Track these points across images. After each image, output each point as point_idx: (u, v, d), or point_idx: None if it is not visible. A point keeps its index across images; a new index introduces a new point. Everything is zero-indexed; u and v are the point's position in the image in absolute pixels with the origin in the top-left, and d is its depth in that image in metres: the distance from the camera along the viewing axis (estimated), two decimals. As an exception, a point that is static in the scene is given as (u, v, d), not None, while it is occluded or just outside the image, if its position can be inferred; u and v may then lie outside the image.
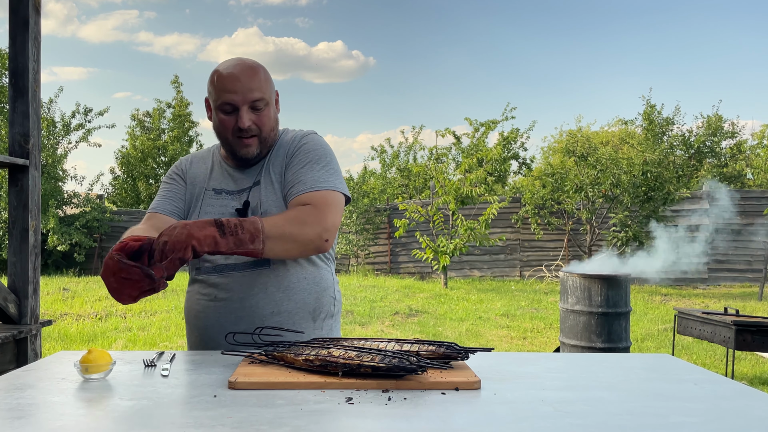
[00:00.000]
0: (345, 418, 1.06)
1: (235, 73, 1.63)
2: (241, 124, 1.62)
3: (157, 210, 1.75)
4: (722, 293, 11.50)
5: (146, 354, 1.50)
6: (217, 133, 1.70)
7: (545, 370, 1.44)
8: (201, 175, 1.79)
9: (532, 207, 12.97)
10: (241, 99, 1.62)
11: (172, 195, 1.78)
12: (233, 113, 1.63)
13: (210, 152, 1.84)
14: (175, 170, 1.83)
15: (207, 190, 1.76)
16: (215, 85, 1.64)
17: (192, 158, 1.85)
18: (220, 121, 1.65)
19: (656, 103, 15.21)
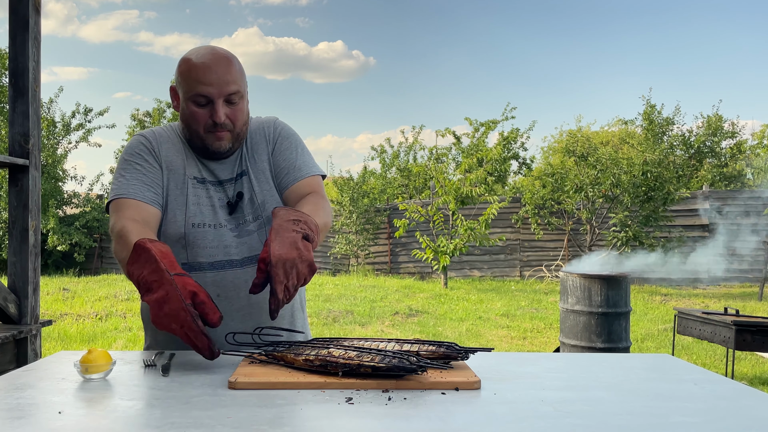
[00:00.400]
0: (345, 418, 1.06)
1: (210, 63, 1.54)
2: (217, 119, 1.55)
3: (135, 197, 1.55)
4: (722, 293, 11.50)
5: (146, 354, 1.50)
6: (186, 125, 1.60)
7: (545, 370, 1.44)
8: (177, 161, 1.64)
9: (532, 207, 12.97)
10: (217, 92, 1.54)
11: (150, 180, 1.59)
12: (207, 106, 1.55)
13: (175, 135, 1.68)
14: (144, 148, 1.63)
15: (188, 178, 1.62)
16: (187, 74, 1.55)
17: (158, 138, 1.66)
18: (192, 114, 1.56)
19: (656, 103, 15.22)
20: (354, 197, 14.30)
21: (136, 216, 1.51)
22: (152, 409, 1.09)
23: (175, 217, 1.59)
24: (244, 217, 1.63)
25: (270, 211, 1.63)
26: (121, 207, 1.54)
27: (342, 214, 14.40)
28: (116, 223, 1.50)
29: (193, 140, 1.61)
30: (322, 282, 11.88)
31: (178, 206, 1.60)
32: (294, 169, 1.66)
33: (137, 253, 1.32)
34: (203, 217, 1.60)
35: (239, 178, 1.65)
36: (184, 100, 1.57)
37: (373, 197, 14.93)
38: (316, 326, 7.61)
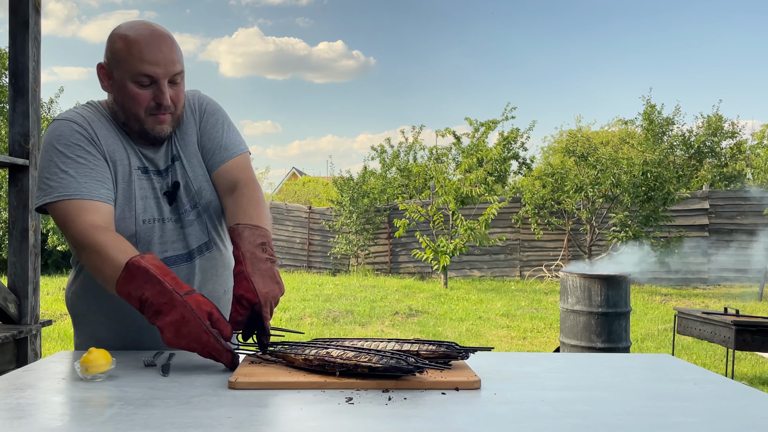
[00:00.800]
0: (345, 418, 1.06)
1: (154, 41, 1.43)
2: (165, 101, 1.45)
3: (91, 197, 1.41)
4: (722, 293, 11.50)
5: (146, 354, 1.50)
6: (123, 107, 1.47)
7: (545, 370, 1.44)
8: (119, 150, 1.51)
9: (532, 207, 12.97)
10: (163, 72, 1.43)
11: (99, 175, 1.45)
12: (150, 87, 1.44)
13: (105, 119, 1.53)
14: (83, 138, 1.46)
15: (133, 169, 1.51)
16: (127, 52, 1.41)
17: (91, 124, 1.49)
18: (133, 95, 1.43)
19: (656, 103, 15.23)
20: (354, 197, 14.30)
21: (99, 221, 1.40)
22: (152, 409, 1.09)
23: (124, 214, 1.49)
24: (183, 206, 1.56)
25: (207, 199, 1.58)
26: (76, 210, 1.39)
27: (342, 214, 14.40)
28: (81, 233, 1.37)
29: (131, 124, 1.48)
30: (322, 282, 11.87)
31: (126, 201, 1.49)
32: (220, 149, 1.59)
33: (131, 273, 1.28)
34: (152, 212, 1.53)
35: (172, 164, 1.56)
36: (125, 81, 1.43)
37: (373, 197, 14.93)
38: (316, 326, 7.61)
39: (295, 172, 37.84)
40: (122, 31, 1.45)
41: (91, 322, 1.62)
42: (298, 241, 15.18)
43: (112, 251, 1.33)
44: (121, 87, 1.45)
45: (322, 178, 29.80)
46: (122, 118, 1.49)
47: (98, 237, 1.36)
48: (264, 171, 37.43)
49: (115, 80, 1.45)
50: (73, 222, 1.38)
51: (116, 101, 1.48)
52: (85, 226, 1.38)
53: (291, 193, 26.86)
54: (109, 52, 1.46)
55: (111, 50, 1.45)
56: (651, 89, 21.60)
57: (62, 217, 1.40)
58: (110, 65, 1.46)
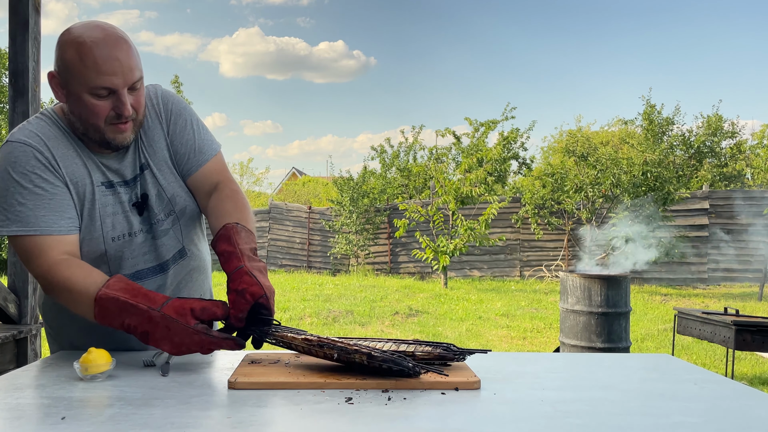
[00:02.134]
0: (345, 418, 1.06)
1: (109, 48, 1.31)
2: (125, 111, 1.35)
3: (51, 232, 1.35)
4: (722, 293, 11.50)
5: (146, 354, 1.50)
6: (80, 119, 1.37)
7: (545, 370, 1.44)
8: (79, 169, 1.42)
9: (532, 207, 12.97)
10: (122, 81, 1.33)
11: (59, 206, 1.37)
12: (108, 97, 1.34)
13: (61, 132, 1.42)
14: (41, 165, 1.36)
15: (96, 186, 1.43)
16: (81, 63, 1.31)
17: (44, 140, 1.39)
18: (91, 107, 1.34)
19: (656, 103, 15.22)
20: (354, 197, 14.30)
21: (61, 255, 1.35)
22: (152, 409, 1.09)
23: (91, 234, 1.43)
24: (156, 216, 1.50)
25: (182, 204, 1.53)
26: (37, 249, 1.34)
27: (342, 214, 14.40)
28: (46, 272, 1.34)
29: (90, 134, 1.39)
30: (322, 282, 11.88)
31: (91, 222, 1.42)
32: (195, 153, 1.52)
33: (103, 306, 1.28)
34: (121, 227, 1.46)
35: (141, 173, 1.48)
36: (81, 93, 1.33)
37: (373, 197, 14.93)
38: (316, 326, 7.61)
39: (295, 172, 37.85)
40: (73, 37, 1.33)
41: (68, 333, 1.61)
42: (298, 241, 15.18)
43: (80, 286, 1.31)
44: (77, 99, 1.35)
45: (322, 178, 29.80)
46: (81, 129, 1.40)
47: (63, 274, 1.32)
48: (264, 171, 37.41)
49: (69, 92, 1.35)
50: (36, 260, 1.35)
51: (73, 113, 1.38)
52: (49, 265, 1.34)
53: (291, 193, 26.86)
54: (60, 62, 1.34)
55: (62, 60, 1.33)
56: (651, 89, 21.57)
57: (23, 254, 1.37)
58: (63, 76, 1.35)
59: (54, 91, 1.38)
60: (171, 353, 1.30)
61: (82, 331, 1.56)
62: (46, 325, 1.67)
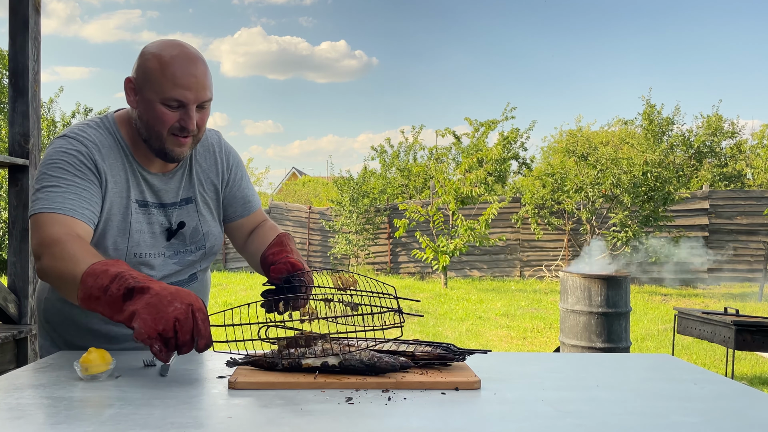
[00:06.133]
0: (345, 418, 1.06)
1: (187, 65, 1.43)
2: (190, 126, 1.45)
3: (73, 214, 1.38)
4: (722, 293, 11.50)
5: (146, 354, 1.50)
6: (146, 125, 1.46)
7: (545, 370, 1.44)
8: (121, 178, 1.50)
9: (532, 207, 12.97)
10: (194, 97, 1.44)
11: (89, 196, 1.43)
12: (178, 109, 1.44)
13: (113, 140, 1.51)
14: (83, 162, 1.44)
15: (132, 201, 1.50)
16: (161, 73, 1.42)
17: (98, 145, 1.48)
18: (160, 115, 1.43)
19: (656, 103, 15.22)
20: (354, 197, 14.30)
21: (72, 232, 1.36)
22: (152, 409, 1.09)
23: (116, 245, 1.48)
24: (185, 246, 1.58)
25: (212, 242, 1.63)
26: (50, 221, 1.36)
27: (342, 214, 14.40)
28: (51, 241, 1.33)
29: (152, 141, 1.48)
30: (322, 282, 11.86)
31: (119, 233, 1.48)
32: (244, 204, 1.70)
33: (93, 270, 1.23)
34: (145, 246, 1.51)
35: (184, 204, 1.57)
36: (154, 101, 1.43)
37: (373, 197, 14.93)
38: (315, 326, 7.60)
39: (295, 172, 37.85)
40: (155, 50, 1.44)
41: (67, 330, 1.60)
42: (298, 241, 15.18)
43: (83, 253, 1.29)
44: (148, 105, 1.44)
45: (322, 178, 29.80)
46: (144, 134, 1.48)
47: (68, 242, 1.32)
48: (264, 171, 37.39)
49: (143, 98, 1.45)
50: (47, 229, 1.35)
51: (141, 117, 1.47)
52: (59, 234, 1.33)
53: (291, 193, 26.86)
54: (140, 70, 1.45)
55: (143, 68, 1.45)
56: (651, 89, 21.56)
57: (37, 226, 1.37)
58: (140, 83, 1.45)
59: (127, 95, 1.48)
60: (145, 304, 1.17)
61: (82, 329, 1.57)
62: (42, 322, 1.65)
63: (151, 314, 1.16)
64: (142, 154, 1.52)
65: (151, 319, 1.16)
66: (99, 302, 1.22)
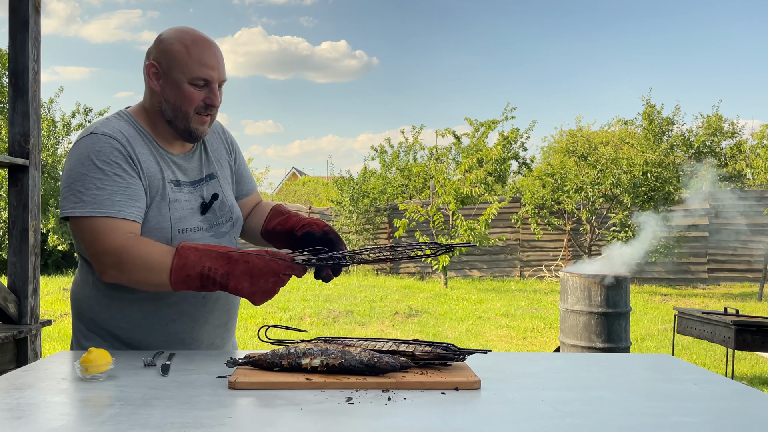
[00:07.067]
0: (345, 418, 1.06)
1: (209, 47, 1.55)
2: (216, 102, 1.56)
3: (123, 216, 1.46)
4: (722, 293, 11.50)
5: (146, 354, 1.50)
6: (172, 105, 1.54)
7: (545, 370, 1.44)
8: (153, 164, 1.57)
9: (532, 207, 12.96)
10: (217, 76, 1.55)
11: (133, 193, 1.49)
12: (203, 88, 1.54)
13: (136, 131, 1.58)
14: (120, 155, 1.50)
15: (167, 182, 1.58)
16: (186, 55, 1.51)
17: (126, 135, 1.55)
18: (188, 94, 1.53)
19: (656, 103, 15.21)
20: (354, 197, 14.29)
21: (129, 234, 1.46)
22: (152, 409, 1.09)
23: (160, 225, 1.54)
24: (218, 219, 1.66)
25: (237, 214, 1.73)
26: (108, 228, 1.44)
27: (342, 214, 14.40)
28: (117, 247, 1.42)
29: (177, 121, 1.56)
30: (322, 282, 11.86)
31: (161, 213, 1.55)
32: (249, 182, 1.84)
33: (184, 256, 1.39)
34: (186, 222, 1.58)
35: (209, 180, 1.67)
36: (180, 81, 1.52)
37: (373, 197, 14.92)
38: (316, 326, 7.61)
39: (294, 172, 37.84)
40: (177, 35, 1.54)
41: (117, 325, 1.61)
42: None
43: (155, 250, 1.42)
44: (175, 86, 1.53)
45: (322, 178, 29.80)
46: (169, 115, 1.56)
47: (136, 246, 1.43)
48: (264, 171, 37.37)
49: (169, 80, 1.53)
50: (108, 237, 1.43)
51: (167, 99, 1.55)
52: (121, 241, 1.43)
53: (291, 193, 26.86)
54: (163, 54, 1.53)
55: (167, 52, 1.53)
56: (651, 89, 21.55)
57: (92, 233, 1.45)
58: (165, 66, 1.53)
59: (150, 80, 1.56)
60: (249, 293, 1.37)
61: (132, 324, 1.59)
62: (83, 319, 1.64)
63: (260, 296, 1.39)
64: (162, 139, 1.61)
65: (263, 297, 1.40)
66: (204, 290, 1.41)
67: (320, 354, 1.30)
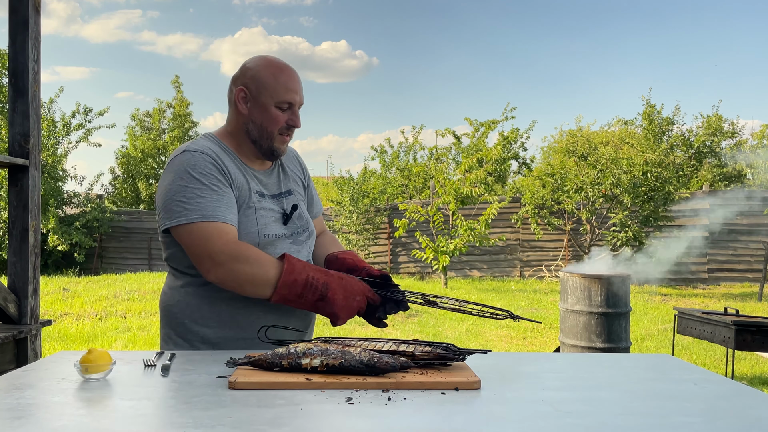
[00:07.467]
0: (345, 418, 1.06)
1: (292, 74, 1.72)
2: (298, 123, 1.73)
3: (225, 220, 1.61)
4: (722, 293, 11.50)
5: (146, 354, 1.50)
6: (259, 127, 1.71)
7: (545, 370, 1.44)
8: (240, 177, 1.72)
9: (532, 207, 12.96)
10: (299, 100, 1.73)
11: (229, 201, 1.65)
12: (286, 111, 1.71)
13: (222, 150, 1.73)
14: (215, 169, 1.66)
15: (253, 192, 1.73)
16: (274, 80, 1.68)
17: (217, 153, 1.71)
18: (275, 117, 1.70)
19: (656, 103, 15.22)
20: (354, 197, 14.29)
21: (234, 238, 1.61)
22: (152, 409, 1.09)
23: (248, 230, 1.67)
24: (297, 228, 1.79)
25: (311, 228, 1.87)
26: (216, 230, 1.58)
27: (342, 214, 14.40)
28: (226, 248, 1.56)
29: (262, 141, 1.72)
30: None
31: (249, 220, 1.68)
32: (317, 204, 1.99)
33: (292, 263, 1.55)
34: (270, 229, 1.72)
35: (287, 195, 1.82)
36: (267, 104, 1.68)
37: (373, 197, 14.92)
38: (317, 326, 7.61)
39: (295, 172, 37.76)
40: (264, 63, 1.72)
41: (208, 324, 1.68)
42: (298, 241, 15.15)
43: (262, 256, 1.57)
44: (263, 109, 1.69)
45: (322, 178, 29.80)
46: (255, 135, 1.72)
47: (244, 249, 1.57)
48: (264, 171, 37.28)
49: (257, 103, 1.70)
50: (219, 239, 1.57)
51: (254, 120, 1.71)
52: (228, 241, 1.57)
53: (291, 193, 26.78)
54: (252, 80, 1.70)
55: (257, 77, 1.70)
56: (651, 89, 21.55)
57: (202, 237, 1.58)
58: (254, 91, 1.69)
59: (238, 104, 1.72)
60: (340, 306, 1.53)
61: (222, 322, 1.68)
62: (172, 325, 1.72)
63: (346, 313, 1.56)
64: (245, 157, 1.76)
65: (346, 316, 1.57)
66: (292, 303, 1.56)
67: (320, 354, 1.30)
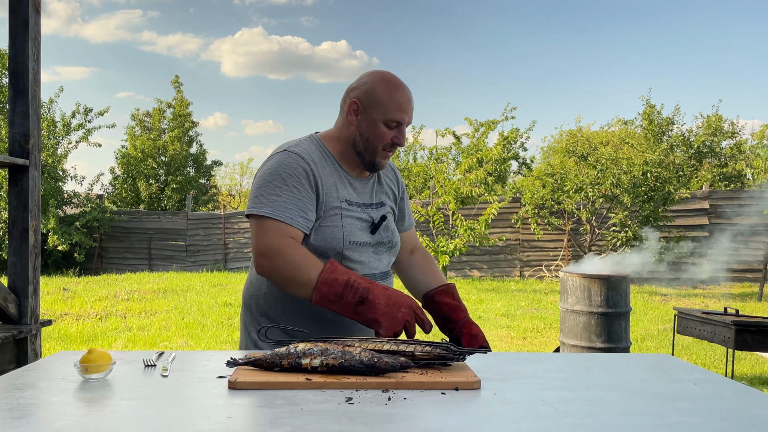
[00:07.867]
0: (345, 418, 1.06)
1: (407, 92, 1.74)
2: (402, 142, 1.75)
3: (291, 222, 1.64)
4: (722, 293, 11.50)
5: (146, 354, 1.50)
6: (365, 140, 1.74)
7: (545, 370, 1.44)
8: (331, 184, 1.75)
9: (532, 207, 12.96)
10: (408, 120, 1.75)
11: (304, 205, 1.68)
12: (393, 129, 1.73)
13: (322, 155, 1.77)
14: (304, 173, 1.70)
15: (341, 200, 1.75)
16: (388, 98, 1.71)
17: (312, 157, 1.74)
18: (382, 134, 1.72)
19: (656, 103, 15.22)
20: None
21: (290, 237, 1.64)
22: (152, 409, 1.09)
23: (334, 234, 1.71)
24: (383, 238, 1.82)
25: (396, 240, 1.88)
26: (275, 227, 1.63)
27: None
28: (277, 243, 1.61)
29: (366, 154, 1.75)
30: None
31: (335, 225, 1.72)
32: (409, 218, 2.02)
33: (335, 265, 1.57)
34: (356, 236, 1.74)
35: (379, 206, 1.86)
36: (377, 120, 1.71)
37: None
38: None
39: (295, 172, 37.76)
40: (381, 79, 1.74)
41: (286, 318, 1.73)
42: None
43: (308, 256, 1.60)
44: (372, 123, 1.72)
45: (322, 178, 29.78)
46: (360, 147, 1.75)
47: (294, 248, 1.61)
48: (264, 171, 37.31)
49: (367, 117, 1.73)
50: (272, 235, 1.62)
51: (361, 133, 1.74)
52: (284, 240, 1.62)
53: (291, 193, 26.79)
54: (367, 94, 1.73)
55: (372, 93, 1.72)
56: (651, 89, 21.56)
57: (262, 229, 1.64)
58: (366, 105, 1.72)
59: (349, 115, 1.75)
60: (381, 312, 1.50)
61: (302, 313, 1.71)
62: (255, 315, 1.78)
63: (389, 321, 1.51)
64: (346, 163, 1.80)
65: (390, 326, 1.50)
66: (333, 305, 1.54)
67: (320, 354, 1.30)
